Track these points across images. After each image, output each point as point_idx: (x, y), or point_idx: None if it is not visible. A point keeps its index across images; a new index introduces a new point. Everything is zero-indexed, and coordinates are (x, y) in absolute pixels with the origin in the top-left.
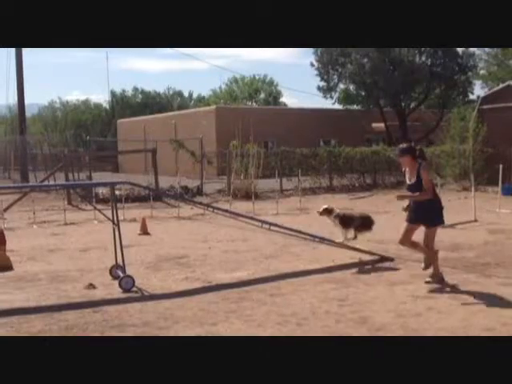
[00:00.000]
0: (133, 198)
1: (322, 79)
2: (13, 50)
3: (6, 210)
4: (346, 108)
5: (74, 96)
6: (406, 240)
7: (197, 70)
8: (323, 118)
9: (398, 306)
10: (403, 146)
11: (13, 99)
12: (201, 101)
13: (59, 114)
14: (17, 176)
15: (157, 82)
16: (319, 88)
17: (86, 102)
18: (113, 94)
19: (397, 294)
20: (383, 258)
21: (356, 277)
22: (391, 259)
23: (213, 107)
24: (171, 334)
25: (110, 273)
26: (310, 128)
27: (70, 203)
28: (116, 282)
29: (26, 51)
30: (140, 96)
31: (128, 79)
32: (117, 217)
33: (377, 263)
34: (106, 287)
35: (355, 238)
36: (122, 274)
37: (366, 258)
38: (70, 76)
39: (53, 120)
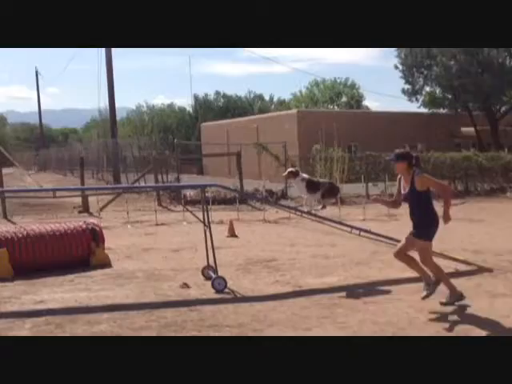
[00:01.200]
0: (219, 201)
1: (407, 82)
2: (103, 55)
3: (101, 209)
4: (432, 111)
5: (160, 100)
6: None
7: (277, 73)
8: (408, 122)
9: (500, 320)
10: (399, 151)
11: (103, 103)
12: (281, 104)
13: (146, 117)
14: (109, 177)
15: (238, 86)
16: (404, 91)
17: (170, 106)
18: (196, 97)
19: (498, 307)
20: (481, 269)
21: None
22: (490, 270)
23: (294, 111)
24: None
25: (203, 273)
26: (394, 132)
27: (160, 204)
28: (208, 283)
29: (115, 57)
30: (222, 100)
31: (210, 83)
32: (208, 219)
33: (474, 274)
34: (200, 287)
35: (323, 207)
36: (214, 275)
37: (462, 268)
38: (156, 81)
39: (140, 123)
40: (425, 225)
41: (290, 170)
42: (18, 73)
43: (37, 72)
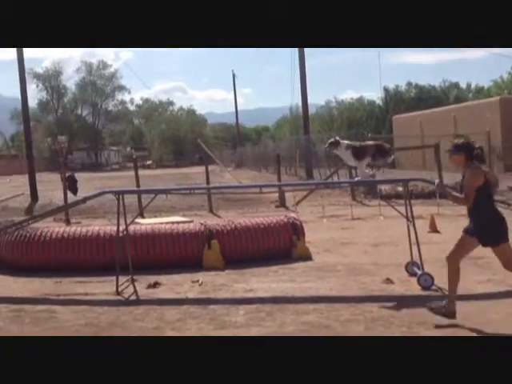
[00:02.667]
0: (416, 195)
1: None
2: (296, 55)
3: (297, 203)
4: None
5: (348, 94)
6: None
7: (473, 59)
8: None
9: None
10: (459, 141)
11: (295, 101)
12: (480, 92)
13: (335, 112)
14: (302, 173)
15: (431, 75)
16: None
17: (359, 100)
18: (386, 90)
19: None
20: None
21: None
22: None
23: (496, 98)
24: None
25: (406, 269)
26: None
27: (354, 199)
28: (412, 279)
29: (307, 55)
30: (413, 91)
31: (401, 74)
32: (411, 213)
33: None
34: (404, 283)
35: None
36: (419, 272)
37: None
38: (344, 76)
39: (329, 118)
40: (484, 227)
41: (330, 141)
42: (216, 77)
43: (234, 75)
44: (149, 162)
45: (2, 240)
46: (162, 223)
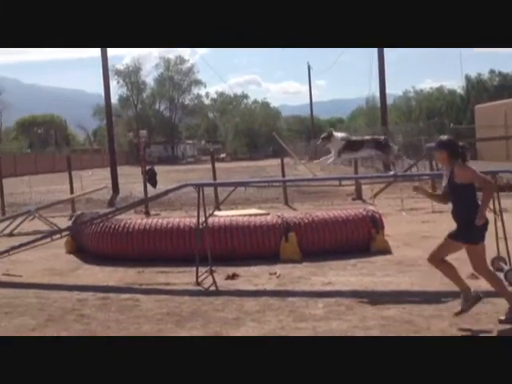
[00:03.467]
0: (501, 187)
1: None
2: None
3: (375, 196)
4: None
5: (427, 84)
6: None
7: None
8: None
9: None
10: (443, 137)
11: (371, 92)
12: None
13: (413, 102)
14: (379, 165)
15: None
16: None
17: (439, 89)
18: (467, 78)
19: None
20: None
21: None
22: None
23: None
24: None
25: (492, 264)
26: None
27: (434, 191)
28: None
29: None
30: (497, 79)
31: (483, 61)
32: (500, 207)
33: None
34: None
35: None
36: (506, 267)
37: None
38: (422, 65)
39: (407, 109)
40: (468, 225)
41: (322, 135)
42: (290, 69)
43: (309, 67)
44: (223, 155)
45: (88, 231)
46: (239, 215)
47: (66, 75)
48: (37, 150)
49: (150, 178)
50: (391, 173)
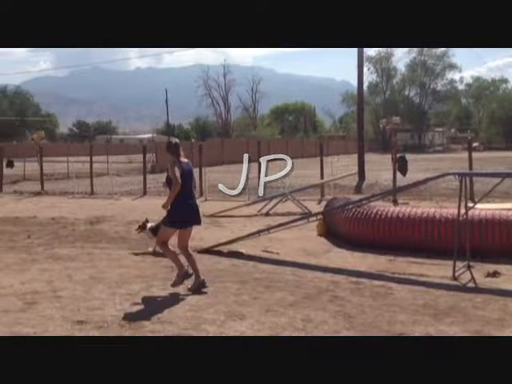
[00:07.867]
0: None
1: None
2: None
3: None
4: None
5: None
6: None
7: None
8: None
9: None
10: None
11: None
12: None
13: None
14: None
15: None
16: None
17: None
18: None
19: None
20: None
21: None
22: None
23: None
24: None
25: None
26: None
27: None
28: None
29: None
30: None
31: None
32: None
33: None
34: None
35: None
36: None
37: None
38: None
39: None
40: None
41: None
42: None
43: None
44: (475, 144)
45: (341, 216)
46: (502, 209)
47: (317, 64)
48: (287, 136)
49: (401, 166)
50: None
